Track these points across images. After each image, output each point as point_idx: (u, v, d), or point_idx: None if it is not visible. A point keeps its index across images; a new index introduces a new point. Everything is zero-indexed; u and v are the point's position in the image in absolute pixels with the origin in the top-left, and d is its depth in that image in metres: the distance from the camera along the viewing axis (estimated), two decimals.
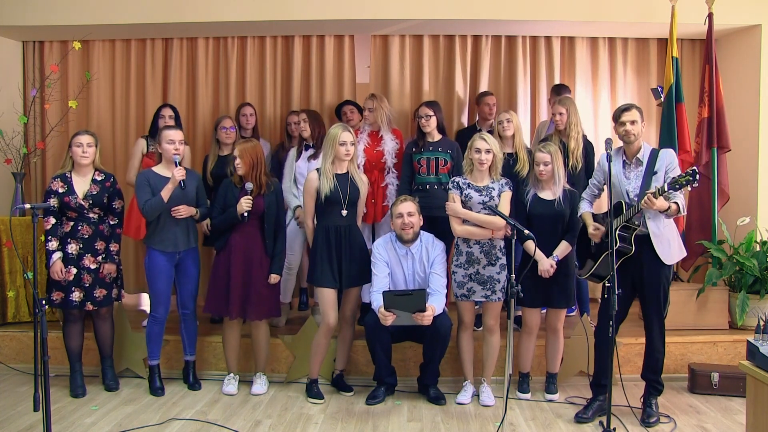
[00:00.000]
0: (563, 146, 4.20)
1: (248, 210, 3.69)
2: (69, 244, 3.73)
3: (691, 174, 3.06)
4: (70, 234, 3.75)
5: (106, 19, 4.81)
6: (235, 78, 5.32)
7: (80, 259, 3.75)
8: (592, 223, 3.53)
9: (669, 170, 3.32)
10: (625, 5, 4.76)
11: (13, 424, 3.42)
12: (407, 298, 3.45)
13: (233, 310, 3.76)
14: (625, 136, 3.38)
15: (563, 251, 3.66)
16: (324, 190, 3.67)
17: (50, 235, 3.71)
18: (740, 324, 4.24)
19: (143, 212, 3.72)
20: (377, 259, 3.75)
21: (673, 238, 3.40)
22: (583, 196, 3.70)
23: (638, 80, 5.38)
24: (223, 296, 3.77)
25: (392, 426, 3.44)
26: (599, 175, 3.61)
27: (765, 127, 4.81)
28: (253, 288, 3.76)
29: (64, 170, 3.79)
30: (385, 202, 4.41)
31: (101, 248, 3.80)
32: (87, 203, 3.74)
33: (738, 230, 4.55)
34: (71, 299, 3.73)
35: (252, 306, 3.77)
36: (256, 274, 3.77)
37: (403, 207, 3.70)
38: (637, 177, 3.38)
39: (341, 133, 3.68)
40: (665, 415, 3.53)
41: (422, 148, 4.25)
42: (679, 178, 3.10)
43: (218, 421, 3.47)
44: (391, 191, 4.42)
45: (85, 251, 3.76)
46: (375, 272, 3.73)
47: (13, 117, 5.00)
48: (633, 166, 3.41)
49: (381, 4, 4.73)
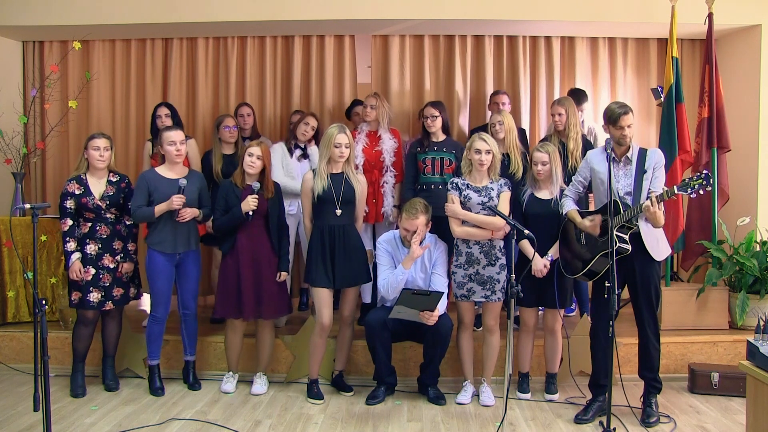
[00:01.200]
0: (563, 147, 4.20)
1: (254, 209, 3.70)
2: (88, 245, 3.77)
3: (704, 177, 3.06)
4: (89, 235, 3.78)
5: (105, 19, 4.82)
6: (235, 78, 5.32)
7: (99, 259, 3.78)
8: (586, 218, 3.49)
9: (656, 169, 3.36)
10: (625, 5, 4.76)
11: (13, 424, 3.42)
12: (424, 298, 3.47)
13: (247, 311, 3.76)
14: (622, 139, 3.39)
15: (556, 252, 3.65)
16: (317, 189, 3.68)
17: (68, 236, 3.75)
18: (740, 324, 4.24)
19: (132, 215, 3.77)
20: (382, 252, 3.78)
21: (661, 235, 3.44)
22: (566, 193, 3.65)
23: (638, 80, 5.38)
24: (235, 298, 3.77)
25: (392, 426, 3.44)
26: (585, 171, 3.59)
27: (765, 127, 4.81)
28: (264, 287, 3.78)
29: (78, 172, 3.81)
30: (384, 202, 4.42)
31: (119, 248, 3.84)
32: (104, 204, 3.77)
33: (738, 230, 4.55)
34: (88, 299, 3.75)
35: (265, 305, 3.78)
36: (266, 273, 3.78)
37: (411, 224, 3.65)
38: (625, 175, 3.41)
39: (336, 135, 3.68)
40: (665, 415, 3.53)
41: (427, 148, 4.26)
42: (691, 181, 3.10)
43: (218, 421, 3.47)
44: (386, 190, 4.42)
45: (104, 251, 3.79)
46: (380, 263, 3.77)
47: (13, 117, 5.00)
48: (621, 165, 3.43)
49: (381, 4, 4.73)
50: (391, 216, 4.46)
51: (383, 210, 4.43)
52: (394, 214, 4.45)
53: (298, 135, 4.47)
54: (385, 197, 4.43)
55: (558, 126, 4.31)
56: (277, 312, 3.88)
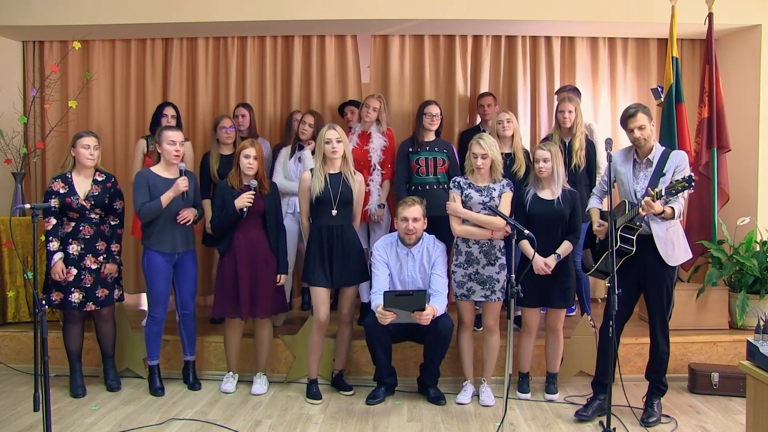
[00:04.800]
0: (566, 145, 4.19)
1: (249, 205, 3.69)
2: (70, 245, 3.73)
3: (686, 180, 3.07)
4: (72, 234, 3.74)
5: (106, 19, 4.81)
6: (235, 78, 5.32)
7: (81, 260, 3.75)
8: (597, 220, 3.55)
9: (677, 172, 3.29)
10: (625, 5, 4.76)
11: (13, 424, 3.42)
12: (408, 298, 3.45)
13: (243, 310, 3.77)
14: (636, 141, 3.37)
15: (565, 250, 3.65)
16: (314, 189, 3.68)
17: (51, 235, 3.71)
18: (740, 324, 4.24)
19: (139, 214, 3.71)
20: (377, 260, 3.75)
21: (679, 240, 3.39)
22: (594, 192, 3.73)
23: (638, 80, 5.38)
24: (232, 298, 3.78)
25: (392, 426, 3.44)
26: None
27: (765, 127, 4.81)
28: (260, 286, 3.78)
29: (64, 170, 3.78)
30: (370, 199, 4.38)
31: (102, 248, 3.80)
32: (89, 204, 3.73)
33: (738, 230, 4.55)
34: (70, 300, 3.73)
35: (260, 303, 3.79)
36: (263, 272, 3.79)
37: (409, 212, 3.68)
38: (645, 177, 3.37)
39: (326, 132, 3.70)
40: (665, 415, 3.52)
41: (419, 148, 4.25)
42: (676, 184, 3.11)
43: (218, 421, 3.47)
44: (371, 188, 4.37)
45: (87, 251, 3.76)
46: (375, 272, 3.73)
47: (13, 117, 5.01)
48: (643, 167, 3.40)
49: (381, 4, 4.73)
50: (375, 215, 4.41)
51: (367, 207, 4.35)
52: (379, 213, 4.41)
53: (300, 135, 4.47)
54: (371, 195, 4.39)
55: (566, 123, 4.23)
56: (273, 310, 3.88)
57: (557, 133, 4.30)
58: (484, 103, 4.80)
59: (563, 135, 4.28)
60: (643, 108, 3.38)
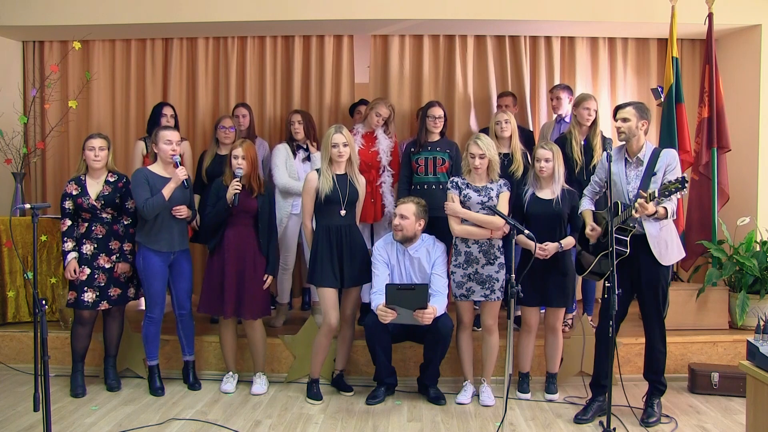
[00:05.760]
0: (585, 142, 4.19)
1: (237, 191, 3.68)
2: (84, 245, 3.77)
3: (680, 181, 3.07)
4: (85, 234, 3.79)
5: (105, 19, 4.82)
6: (235, 78, 5.32)
7: (95, 259, 3.78)
8: (590, 223, 3.53)
9: (668, 171, 3.30)
10: (625, 5, 4.76)
11: (13, 424, 3.42)
12: (410, 292, 3.45)
13: (227, 309, 3.76)
14: (618, 132, 3.40)
15: (568, 244, 3.66)
16: (323, 189, 3.68)
17: (66, 236, 3.76)
18: (740, 324, 4.24)
19: (143, 211, 3.69)
20: (377, 260, 3.75)
21: (672, 239, 3.39)
22: (585, 192, 3.71)
23: (638, 80, 5.38)
24: (218, 296, 3.78)
25: (392, 426, 3.44)
26: (601, 173, 3.61)
27: (765, 127, 4.81)
28: (246, 288, 3.77)
29: (79, 173, 3.83)
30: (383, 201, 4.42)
31: (115, 248, 3.84)
32: (99, 204, 3.77)
33: (738, 230, 4.55)
34: (83, 299, 3.75)
35: (245, 306, 3.78)
36: (250, 273, 3.78)
37: (399, 208, 3.72)
38: (637, 177, 3.37)
39: (333, 135, 3.70)
40: (666, 415, 3.52)
41: (421, 148, 4.26)
42: (669, 185, 3.11)
43: (218, 421, 3.47)
44: (384, 190, 4.42)
45: (100, 251, 3.79)
46: (375, 272, 3.73)
47: (13, 117, 5.01)
48: (634, 166, 3.40)
49: (381, 4, 4.73)
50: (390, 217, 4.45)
51: (387, 210, 4.42)
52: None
53: (294, 135, 4.47)
54: (384, 197, 4.43)
55: (587, 121, 4.24)
56: (257, 313, 3.84)
57: (577, 129, 4.27)
58: (502, 104, 4.78)
59: (580, 132, 4.27)
60: (637, 105, 3.40)
